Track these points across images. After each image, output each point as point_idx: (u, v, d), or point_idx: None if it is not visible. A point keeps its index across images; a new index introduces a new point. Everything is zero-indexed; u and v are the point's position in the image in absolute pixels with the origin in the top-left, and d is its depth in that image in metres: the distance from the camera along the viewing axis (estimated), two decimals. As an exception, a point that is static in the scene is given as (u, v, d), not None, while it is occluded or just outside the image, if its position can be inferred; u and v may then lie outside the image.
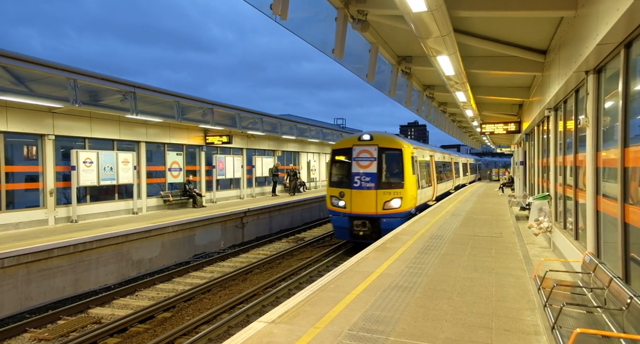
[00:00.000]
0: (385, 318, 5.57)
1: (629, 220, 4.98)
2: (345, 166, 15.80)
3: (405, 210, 15.11)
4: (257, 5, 6.58)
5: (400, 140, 16.01)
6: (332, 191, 15.82)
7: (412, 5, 5.47)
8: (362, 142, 15.62)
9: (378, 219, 14.98)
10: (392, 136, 16.43)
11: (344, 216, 15.37)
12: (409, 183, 15.22)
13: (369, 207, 14.98)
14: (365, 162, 15.24)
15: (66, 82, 12.47)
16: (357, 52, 10.01)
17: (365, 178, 15.10)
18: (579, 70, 6.51)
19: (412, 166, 15.50)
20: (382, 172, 15.29)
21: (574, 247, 7.84)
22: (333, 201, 15.74)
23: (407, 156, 15.37)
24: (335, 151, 16.35)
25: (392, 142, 15.65)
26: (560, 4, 6.47)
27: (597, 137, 6.41)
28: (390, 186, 15.10)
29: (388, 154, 15.40)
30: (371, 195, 15.02)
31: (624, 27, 4.50)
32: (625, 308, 4.20)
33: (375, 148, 15.32)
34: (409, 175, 15.25)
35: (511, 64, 10.71)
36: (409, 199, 15.16)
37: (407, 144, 16.03)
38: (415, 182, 15.81)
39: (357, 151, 15.47)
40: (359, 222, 15.12)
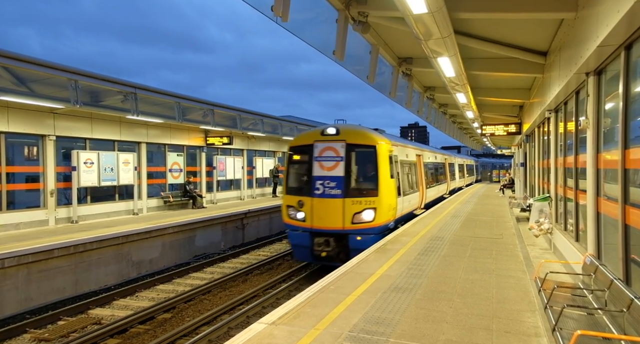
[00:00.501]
0: (386, 320, 5.57)
1: (629, 222, 4.98)
2: (304, 167, 12.71)
3: (380, 224, 12.03)
4: (258, 7, 6.59)
5: (375, 135, 12.91)
6: (289, 199, 12.74)
7: (412, 7, 5.48)
8: (325, 138, 12.49)
9: (345, 236, 11.87)
10: (365, 129, 13.29)
11: (303, 232, 12.31)
12: (385, 189, 12.18)
13: (334, 221, 11.91)
14: (330, 162, 12.19)
15: (67, 83, 12.49)
16: (357, 54, 10.02)
17: (329, 183, 12.03)
18: (580, 72, 6.51)
19: (390, 168, 12.59)
20: (351, 176, 12.22)
21: (575, 248, 7.84)
22: (290, 212, 12.66)
23: (383, 154, 12.40)
24: (292, 148, 13.21)
25: (363, 137, 12.57)
26: (560, 5, 6.48)
27: (597, 139, 6.41)
28: (362, 194, 12.06)
29: (359, 152, 12.33)
30: (337, 205, 11.91)
31: (625, 29, 4.50)
32: (626, 310, 4.20)
33: (342, 145, 12.20)
34: (385, 179, 12.25)
35: (512, 65, 10.71)
36: (385, 209, 12.13)
37: (384, 140, 13.02)
38: (394, 188, 12.87)
39: (319, 149, 12.39)
40: (321, 240, 11.91)
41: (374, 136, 12.74)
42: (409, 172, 15.95)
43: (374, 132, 13.13)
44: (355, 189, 12.17)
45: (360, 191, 12.13)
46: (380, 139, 12.75)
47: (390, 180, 12.58)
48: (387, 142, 12.99)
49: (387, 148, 12.76)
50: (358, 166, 12.45)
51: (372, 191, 12.03)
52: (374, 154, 12.26)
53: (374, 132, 13.08)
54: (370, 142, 12.46)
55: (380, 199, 11.98)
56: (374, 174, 12.24)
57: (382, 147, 12.53)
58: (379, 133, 13.54)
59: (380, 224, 12.03)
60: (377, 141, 12.53)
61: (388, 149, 12.81)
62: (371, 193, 12.00)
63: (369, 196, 11.96)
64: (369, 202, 11.89)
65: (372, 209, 11.87)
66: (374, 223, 11.89)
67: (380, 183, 12.07)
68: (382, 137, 13.20)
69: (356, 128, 13.14)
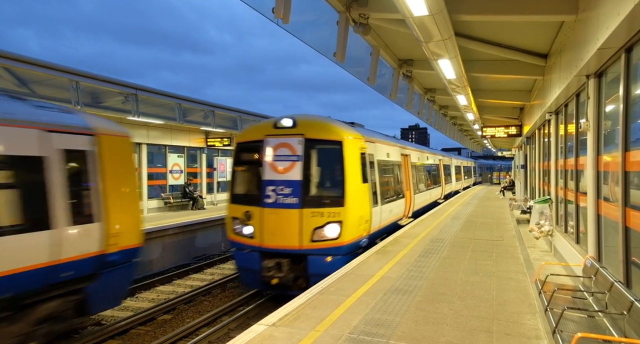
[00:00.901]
0: (386, 322, 5.57)
1: (630, 224, 4.98)
2: (253, 169, 10.28)
3: (347, 242, 9.48)
4: (259, 9, 6.62)
5: (342, 128, 10.29)
6: (234, 209, 10.15)
7: (413, 9, 5.49)
8: (279, 131, 10.00)
9: (303, 258, 9.41)
10: (329, 120, 10.64)
11: (251, 252, 9.74)
12: (354, 197, 9.70)
13: (288, 238, 9.44)
14: (284, 163, 9.72)
15: (68, 84, 12.51)
16: (358, 56, 10.04)
17: (283, 190, 9.57)
18: (580, 74, 6.52)
19: (362, 170, 10.16)
20: (311, 180, 9.70)
21: (575, 251, 7.83)
22: (235, 227, 10.07)
23: (351, 152, 9.89)
24: (239, 145, 10.72)
25: (326, 130, 10.02)
26: (561, 8, 6.49)
27: (598, 141, 6.42)
28: (324, 203, 9.53)
29: (321, 149, 9.88)
30: (292, 218, 9.43)
31: (625, 31, 4.51)
32: (627, 313, 4.20)
33: (299, 140, 9.71)
34: (354, 184, 9.78)
35: (512, 67, 10.73)
36: (354, 223, 9.66)
37: (354, 134, 10.47)
38: (367, 195, 10.35)
39: (271, 146, 9.89)
40: (272, 263, 9.37)
41: (340, 129, 10.13)
42: (391, 176, 13.69)
43: (341, 125, 10.58)
44: (315, 197, 9.65)
45: (322, 200, 9.60)
46: (348, 133, 10.19)
47: (362, 185, 10.09)
48: (358, 138, 10.50)
49: (357, 145, 10.25)
50: (320, 167, 9.91)
51: (337, 200, 9.50)
52: (340, 152, 9.70)
53: (340, 125, 10.52)
54: (334, 136, 9.88)
55: (347, 209, 9.46)
56: (339, 177, 9.71)
57: (351, 143, 9.98)
58: (349, 126, 11.01)
59: (348, 242, 9.50)
60: (344, 135, 9.94)
61: (359, 146, 10.32)
62: (336, 202, 9.48)
63: (333, 206, 9.43)
64: (333, 214, 9.38)
65: (337, 223, 9.34)
66: (340, 241, 9.37)
67: (347, 189, 9.57)
68: (352, 131, 10.62)
69: (318, 119, 10.52)
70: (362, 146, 10.56)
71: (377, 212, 11.27)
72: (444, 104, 19.36)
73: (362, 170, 10.19)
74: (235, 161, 10.81)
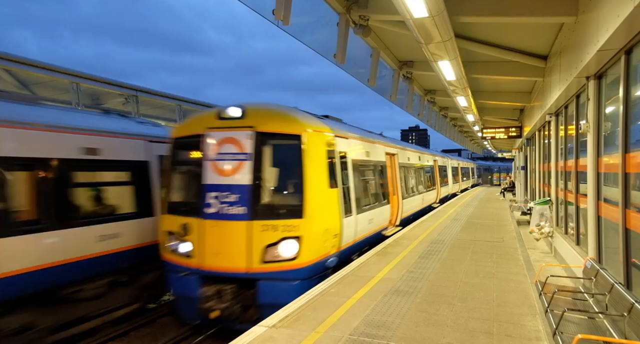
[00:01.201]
0: (386, 323, 5.57)
1: (630, 226, 4.99)
2: (192, 171, 8.38)
3: (309, 263, 7.64)
4: (259, 11, 6.64)
5: (302, 119, 8.31)
6: (169, 221, 8.18)
7: (413, 11, 5.51)
8: (224, 124, 8.04)
9: (252, 284, 7.50)
10: (287, 110, 8.56)
11: (188, 275, 7.77)
12: (317, 206, 7.85)
13: (234, 258, 7.51)
14: (230, 163, 7.83)
15: (69, 86, 12.53)
16: (358, 57, 10.06)
17: (228, 197, 7.70)
18: (580, 76, 6.54)
19: (328, 171, 8.28)
20: (263, 185, 7.81)
21: (576, 252, 7.84)
22: (169, 243, 8.09)
23: (314, 149, 8.04)
24: (176, 141, 8.60)
25: (283, 122, 8.09)
26: (560, 10, 6.51)
27: (598, 143, 6.42)
28: (278, 214, 7.71)
29: (276, 146, 8.02)
30: (239, 232, 7.54)
31: (625, 33, 4.53)
32: (627, 314, 4.21)
33: (249, 135, 7.82)
34: (318, 188, 7.95)
35: (512, 69, 10.75)
36: (316, 238, 7.78)
37: (319, 127, 8.53)
38: (335, 203, 8.48)
39: (213, 141, 7.99)
40: (212, 291, 7.49)
41: (300, 120, 8.19)
42: (372, 178, 11.66)
43: (303, 115, 8.53)
44: (268, 206, 7.79)
45: (277, 210, 7.77)
46: (310, 125, 8.23)
47: (329, 191, 8.25)
48: (323, 131, 8.55)
49: (323, 140, 8.37)
50: (275, 168, 8.03)
51: (294, 210, 7.66)
52: (299, 149, 7.82)
53: (301, 115, 8.49)
54: (292, 129, 7.97)
55: (307, 221, 7.59)
56: (298, 181, 7.83)
57: (314, 138, 8.10)
58: (315, 118, 8.99)
59: (308, 263, 7.63)
60: (305, 127, 8.01)
61: (325, 142, 8.43)
62: (293, 212, 7.65)
63: (290, 217, 7.61)
64: (290, 228, 7.53)
65: (294, 239, 7.50)
66: (298, 262, 7.50)
67: (308, 196, 7.69)
68: (317, 123, 8.66)
69: (273, 108, 8.52)
70: (330, 141, 8.63)
71: (351, 223, 9.24)
72: (444, 105, 19.38)
73: (330, 172, 8.29)
74: (170, 160, 8.56)
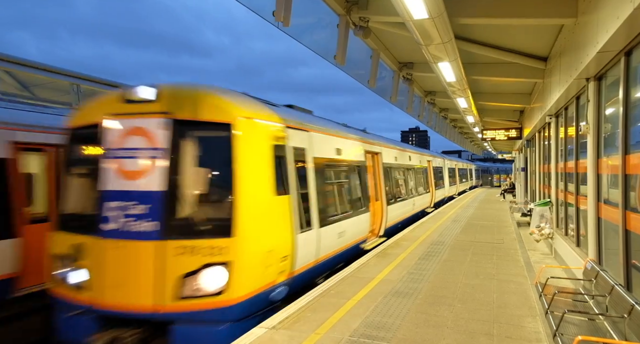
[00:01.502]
0: (386, 324, 5.56)
1: (630, 227, 4.99)
2: (88, 173, 6.30)
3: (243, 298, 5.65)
4: (260, 13, 6.65)
5: (237, 103, 6.30)
6: (58, 240, 6.15)
7: (413, 13, 5.52)
8: (130, 109, 6.07)
9: (164, 328, 5.50)
10: (213, 91, 6.33)
11: (79, 315, 5.71)
12: (254, 220, 5.95)
13: (139, 292, 5.50)
14: (137, 162, 5.85)
15: (69, 87, 12.54)
16: (358, 59, 10.08)
17: (134, 208, 5.71)
18: (580, 78, 6.54)
19: (273, 174, 6.40)
20: (180, 191, 5.82)
21: (576, 254, 7.83)
22: (58, 271, 6.04)
23: (253, 144, 6.14)
24: (71, 132, 6.56)
25: (209, 106, 6.04)
26: (560, 11, 6.52)
27: (598, 144, 6.43)
28: (199, 231, 5.76)
29: (200, 139, 6.02)
30: (146, 256, 5.55)
31: (624, 35, 4.53)
32: (627, 316, 4.20)
33: (163, 123, 5.87)
34: (256, 196, 6.06)
35: (512, 70, 10.76)
36: (255, 262, 5.87)
37: (259, 114, 6.50)
38: (285, 213, 6.59)
39: (115, 133, 6.03)
40: (107, 339, 5.44)
41: (233, 104, 6.13)
42: (344, 181, 9.64)
43: (237, 98, 6.39)
44: (186, 220, 5.77)
45: (198, 226, 5.74)
46: (247, 111, 6.18)
47: (275, 199, 6.30)
48: (267, 120, 6.52)
49: (265, 132, 6.38)
50: (198, 168, 5.94)
51: (222, 225, 5.67)
52: (229, 143, 5.83)
53: (235, 98, 6.35)
54: (221, 116, 5.92)
55: (241, 241, 5.63)
56: (227, 186, 5.82)
57: (253, 128, 6.12)
58: (255, 102, 6.76)
59: (243, 298, 5.63)
60: (239, 114, 5.99)
61: (271, 135, 6.46)
62: (221, 229, 5.66)
63: (217, 236, 5.63)
64: (216, 250, 5.53)
65: (221, 266, 5.51)
66: (228, 296, 5.51)
67: (241, 206, 5.71)
68: (258, 109, 6.53)
69: (196, 89, 6.28)
70: (279, 134, 6.66)
71: (311, 239, 7.32)
72: (444, 106, 19.40)
73: (277, 174, 6.38)
74: (64, 158, 6.55)
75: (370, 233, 11.32)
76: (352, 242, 9.79)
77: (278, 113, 7.09)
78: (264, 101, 7.40)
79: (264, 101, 7.40)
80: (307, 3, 7.56)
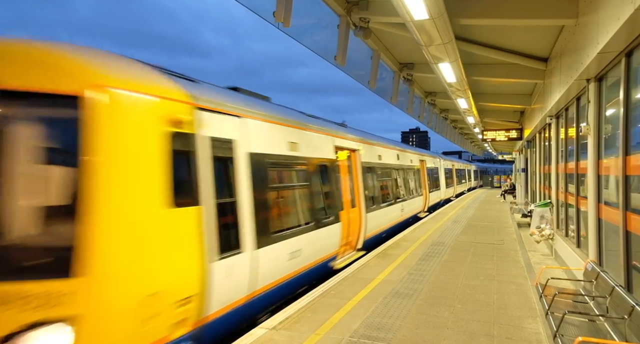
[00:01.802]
0: (387, 325, 5.56)
1: (630, 228, 4.98)
2: None
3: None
4: (260, 13, 6.64)
5: (90, 62, 4.07)
6: None
7: (414, 13, 5.51)
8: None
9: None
10: (53, 45, 4.12)
11: None
12: (123, 246, 3.89)
13: None
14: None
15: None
16: (359, 59, 10.07)
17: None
18: (580, 78, 6.54)
19: (168, 174, 4.41)
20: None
21: (576, 255, 7.82)
22: None
23: (124, 128, 4.06)
24: None
25: (39, 65, 3.87)
26: (561, 12, 6.51)
27: (598, 145, 6.42)
28: (20, 268, 3.70)
29: (31, 119, 3.92)
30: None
31: (625, 36, 4.53)
32: (628, 317, 4.20)
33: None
34: (130, 209, 4.02)
35: (513, 71, 10.76)
36: (123, 317, 3.81)
37: (138, 81, 4.38)
38: (186, 235, 4.62)
39: None
40: None
41: (82, 64, 4.06)
42: (302, 185, 7.83)
43: (91, 56, 4.25)
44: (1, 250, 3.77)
45: (20, 259, 3.79)
46: (109, 76, 4.15)
47: (167, 213, 4.39)
48: (149, 91, 4.46)
49: (148, 110, 4.39)
50: (25, 165, 3.90)
51: (60, 257, 3.69)
52: (75, 125, 3.86)
53: (88, 56, 4.20)
54: (63, 84, 3.90)
55: (92, 282, 3.67)
56: (70, 193, 3.85)
57: (120, 102, 4.11)
58: (127, 62, 4.62)
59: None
60: (94, 80, 3.98)
61: (158, 116, 4.47)
62: (57, 264, 3.69)
63: (51, 276, 3.64)
64: (50, 300, 3.54)
65: (61, 324, 3.55)
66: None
67: (96, 225, 3.78)
68: (134, 74, 4.51)
69: (22, 44, 4.07)
70: (179, 117, 4.70)
71: (239, 267, 5.50)
72: (444, 107, 19.39)
73: (175, 175, 4.52)
74: None
75: (345, 246, 9.60)
76: (315, 262, 7.85)
77: (183, 87, 4.98)
78: (163, 69, 5.13)
79: (163, 69, 5.13)
80: (308, 4, 7.57)
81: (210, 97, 5.50)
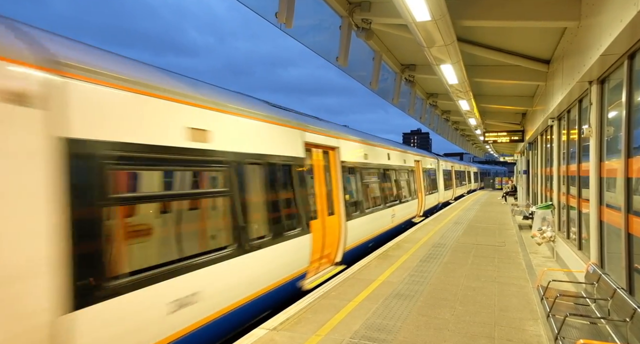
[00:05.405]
0: (387, 326, 5.55)
1: (632, 231, 4.97)
2: None
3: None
4: (262, 14, 6.65)
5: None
6: None
7: (416, 15, 5.51)
8: None
9: None
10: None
11: None
12: None
13: None
14: None
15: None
16: (361, 60, 10.07)
17: None
18: (583, 80, 6.53)
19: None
20: None
21: (578, 257, 7.81)
22: None
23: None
24: None
25: None
26: (563, 14, 6.51)
27: (600, 147, 6.41)
28: None
29: None
30: None
31: (628, 38, 4.52)
32: (629, 320, 4.18)
33: None
34: None
35: (515, 73, 10.74)
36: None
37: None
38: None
39: None
40: None
41: None
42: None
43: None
44: None
45: None
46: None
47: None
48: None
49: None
50: None
51: None
52: None
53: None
54: None
55: None
56: None
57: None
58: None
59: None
60: None
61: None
62: None
63: None
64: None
65: None
66: None
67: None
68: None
69: None
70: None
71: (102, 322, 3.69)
72: (446, 109, 19.37)
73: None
74: None
75: (319, 261, 8.34)
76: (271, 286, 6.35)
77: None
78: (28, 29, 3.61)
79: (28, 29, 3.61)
80: (310, 4, 7.57)
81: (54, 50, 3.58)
